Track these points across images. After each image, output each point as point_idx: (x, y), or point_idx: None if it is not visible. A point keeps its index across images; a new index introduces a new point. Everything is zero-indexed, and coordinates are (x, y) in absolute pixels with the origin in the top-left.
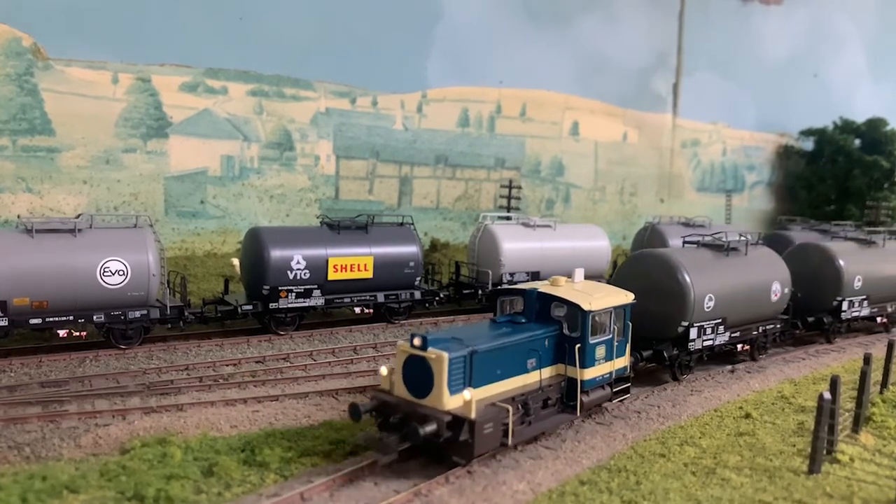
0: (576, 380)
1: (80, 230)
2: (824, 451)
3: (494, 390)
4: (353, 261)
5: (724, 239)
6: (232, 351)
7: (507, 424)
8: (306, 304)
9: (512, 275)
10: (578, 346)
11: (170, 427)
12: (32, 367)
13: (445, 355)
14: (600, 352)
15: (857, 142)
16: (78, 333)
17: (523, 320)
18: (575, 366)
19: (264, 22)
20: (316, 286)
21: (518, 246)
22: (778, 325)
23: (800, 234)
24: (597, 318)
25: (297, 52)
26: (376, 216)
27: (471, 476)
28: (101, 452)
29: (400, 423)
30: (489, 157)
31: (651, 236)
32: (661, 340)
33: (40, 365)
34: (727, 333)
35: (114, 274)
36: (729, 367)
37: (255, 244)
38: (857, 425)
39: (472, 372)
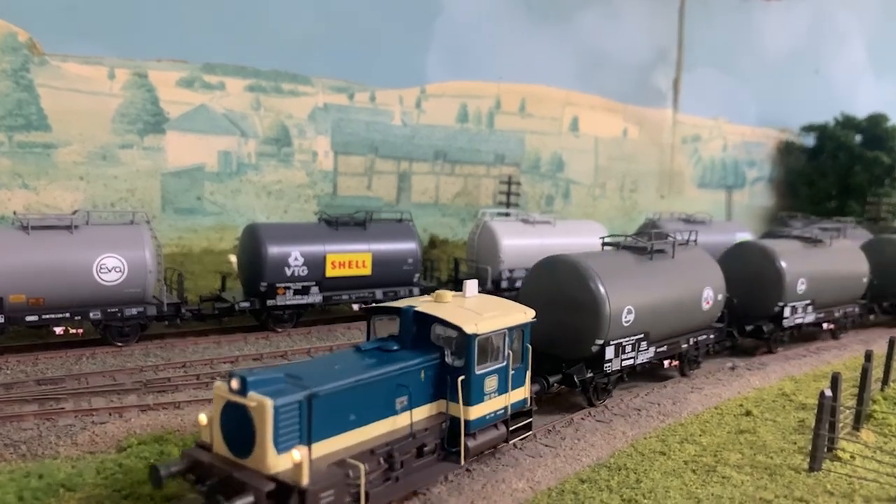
0: (460, 419)
1: (76, 227)
2: (825, 449)
3: (346, 442)
4: (351, 257)
5: (646, 241)
6: (229, 348)
7: (360, 488)
8: (304, 301)
9: (511, 271)
10: (462, 377)
11: (167, 425)
12: (29, 365)
13: (269, 403)
14: (491, 383)
15: (859, 138)
16: (74, 331)
17: (396, 347)
18: (458, 402)
19: (262, 17)
20: (314, 283)
21: (517, 242)
22: (711, 336)
23: (800, 231)
24: (486, 343)
25: (295, 47)
26: (375, 212)
27: (469, 474)
28: (97, 450)
29: (213, 491)
30: (488, 153)
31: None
32: (573, 361)
33: (36, 362)
34: (651, 349)
35: (110, 271)
36: (729, 364)
37: (252, 241)
38: (858, 422)
39: (310, 421)
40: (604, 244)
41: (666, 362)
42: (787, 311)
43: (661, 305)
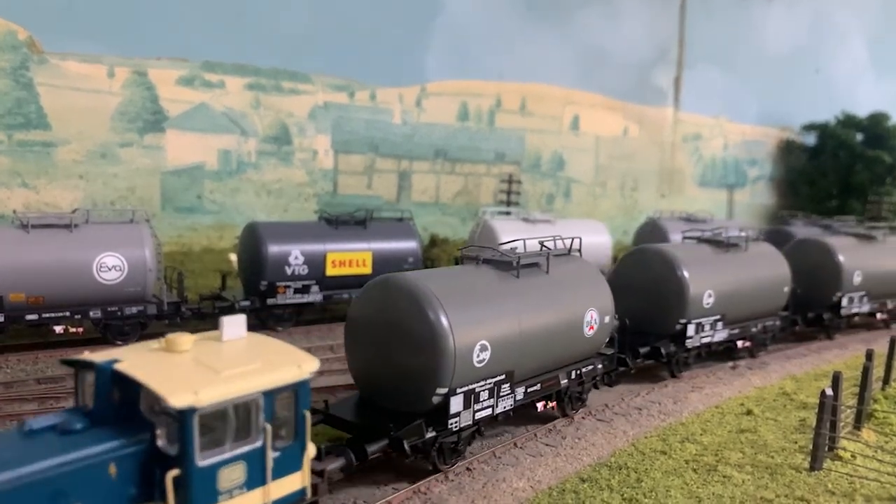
0: None
1: (76, 225)
2: (826, 448)
3: None
4: (351, 256)
5: (512, 253)
6: None
7: None
8: (304, 300)
9: None
10: (175, 472)
11: None
12: (29, 364)
13: None
14: (231, 476)
15: (860, 136)
16: (74, 329)
17: (80, 425)
18: None
19: (262, 15)
20: (314, 281)
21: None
22: (599, 365)
23: (801, 230)
24: (218, 417)
25: (295, 45)
26: (375, 211)
27: (470, 473)
28: None
29: None
30: (489, 152)
31: (652, 231)
32: (406, 417)
33: (36, 361)
34: (521, 389)
35: (110, 269)
36: (730, 363)
37: (252, 239)
38: (858, 422)
39: None
40: (457, 260)
41: (540, 404)
42: (690, 329)
43: (527, 336)
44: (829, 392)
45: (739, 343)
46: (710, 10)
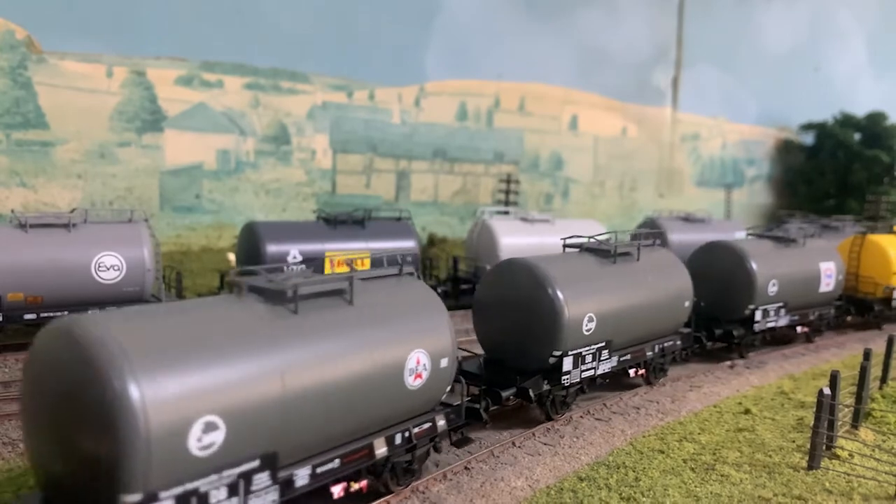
0: None
1: (74, 225)
2: (824, 447)
3: None
4: (350, 255)
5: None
6: None
7: None
8: None
9: None
10: None
11: None
12: None
13: None
14: None
15: (858, 136)
16: None
17: None
18: None
19: (260, 14)
20: None
21: (516, 241)
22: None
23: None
24: None
25: (294, 44)
26: (373, 211)
27: (468, 472)
28: None
29: None
30: (487, 152)
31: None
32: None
33: None
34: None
35: (108, 269)
36: (728, 362)
37: (251, 239)
38: (856, 421)
39: None
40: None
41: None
42: (567, 363)
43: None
44: (827, 391)
45: (632, 372)
46: (709, 9)
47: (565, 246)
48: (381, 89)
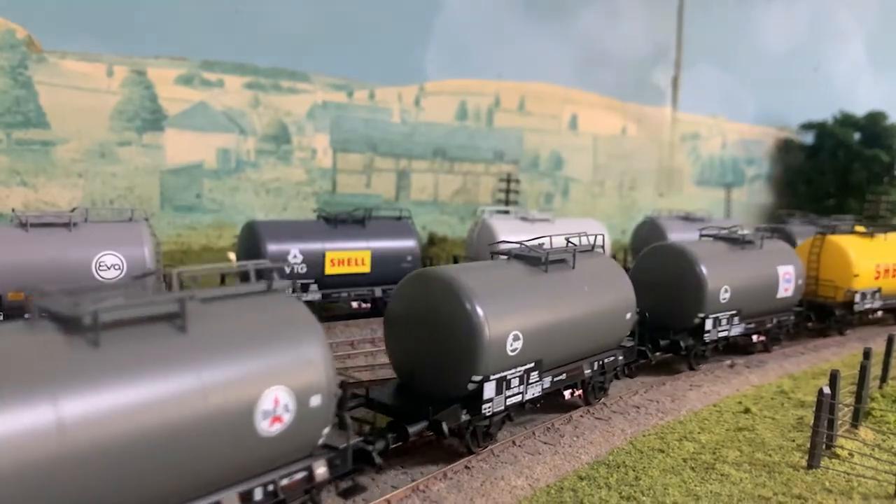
0: None
1: (74, 224)
2: (823, 446)
3: None
4: (350, 255)
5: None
6: None
7: None
8: (303, 299)
9: None
10: None
11: None
12: None
13: None
14: None
15: (857, 135)
16: None
17: None
18: None
19: (260, 14)
20: (313, 280)
21: (516, 240)
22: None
23: (799, 229)
24: None
25: (294, 44)
26: (374, 210)
27: (469, 471)
28: None
29: None
30: (487, 151)
31: (650, 231)
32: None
33: None
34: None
35: (109, 268)
36: (728, 361)
37: (251, 238)
38: (856, 420)
39: None
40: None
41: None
42: (488, 389)
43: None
44: (827, 390)
45: (567, 393)
46: (709, 9)
47: (493, 253)
48: (381, 89)
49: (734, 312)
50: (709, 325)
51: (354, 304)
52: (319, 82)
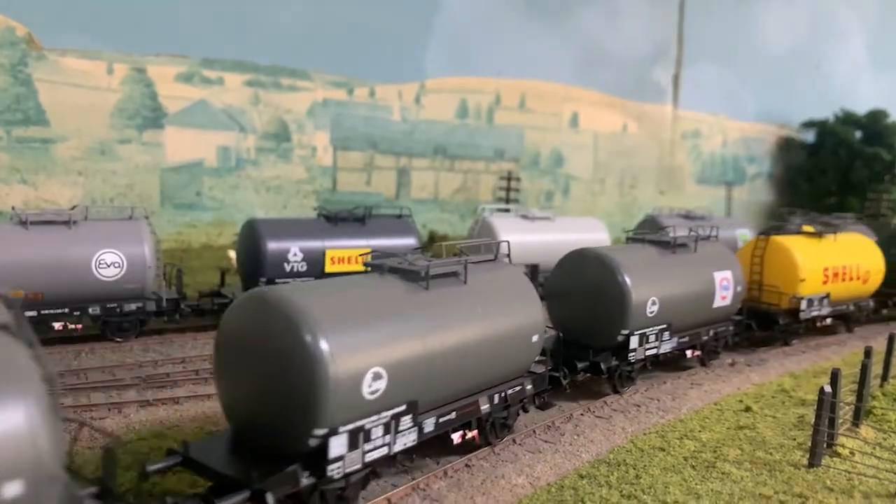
0: None
1: (74, 222)
2: (825, 445)
3: None
4: (350, 253)
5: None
6: None
7: None
8: None
9: None
10: None
11: (166, 420)
12: None
13: None
14: None
15: (859, 134)
16: (73, 326)
17: None
18: None
19: (261, 12)
20: (313, 278)
21: (517, 239)
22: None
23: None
24: None
25: (294, 42)
26: (374, 208)
27: (469, 470)
28: (96, 446)
29: None
30: (488, 149)
31: (651, 229)
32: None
33: None
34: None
35: (109, 266)
36: (729, 360)
37: (251, 236)
38: (857, 419)
39: None
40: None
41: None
42: (336, 445)
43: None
44: (828, 389)
45: (456, 436)
46: (710, 7)
47: (365, 265)
48: (381, 86)
49: (664, 327)
50: (634, 342)
51: None
52: (320, 80)
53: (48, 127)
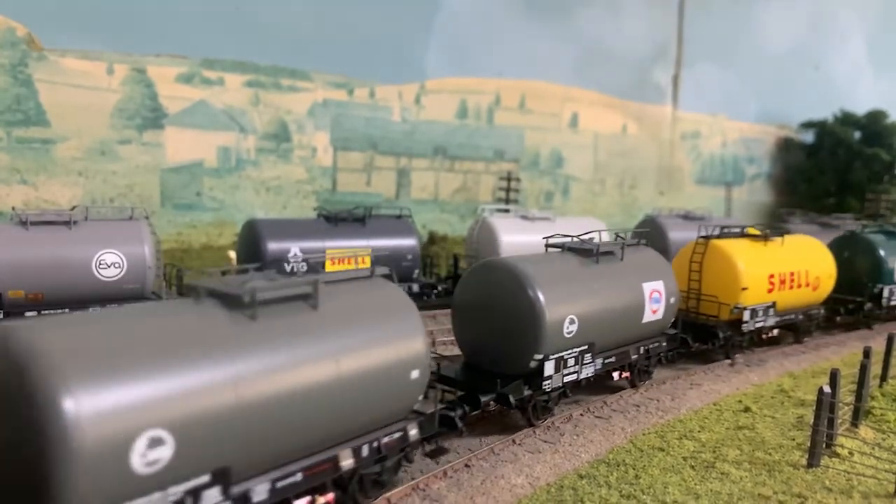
0: None
1: (75, 222)
2: (823, 445)
3: None
4: (350, 253)
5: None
6: None
7: None
8: None
9: None
10: None
11: None
12: None
13: None
14: None
15: (858, 134)
16: None
17: None
18: None
19: (261, 12)
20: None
21: (517, 239)
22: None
23: (799, 228)
24: None
25: (294, 42)
26: (374, 208)
27: (469, 470)
28: None
29: None
30: (488, 149)
31: (651, 229)
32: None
33: None
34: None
35: (109, 266)
36: (728, 361)
37: (251, 236)
38: (856, 419)
39: None
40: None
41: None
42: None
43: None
44: (827, 389)
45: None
46: (709, 7)
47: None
48: (381, 87)
49: (584, 348)
50: (549, 368)
51: None
52: (320, 80)
53: (48, 127)
